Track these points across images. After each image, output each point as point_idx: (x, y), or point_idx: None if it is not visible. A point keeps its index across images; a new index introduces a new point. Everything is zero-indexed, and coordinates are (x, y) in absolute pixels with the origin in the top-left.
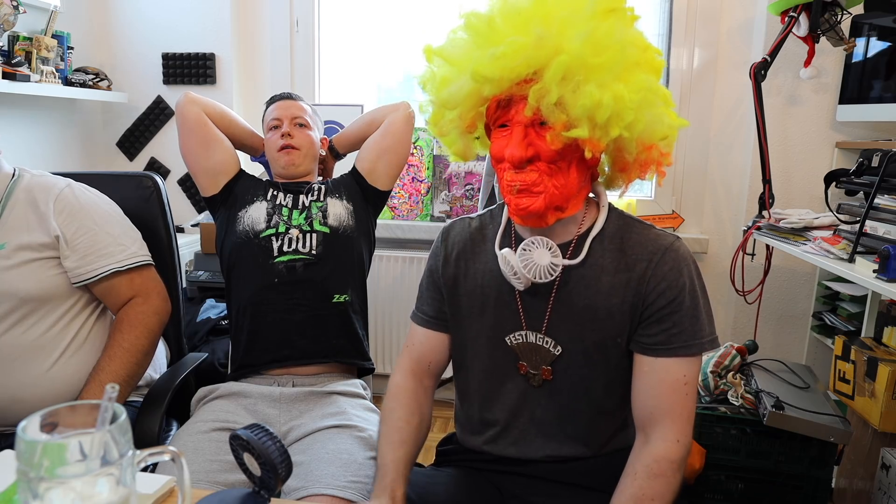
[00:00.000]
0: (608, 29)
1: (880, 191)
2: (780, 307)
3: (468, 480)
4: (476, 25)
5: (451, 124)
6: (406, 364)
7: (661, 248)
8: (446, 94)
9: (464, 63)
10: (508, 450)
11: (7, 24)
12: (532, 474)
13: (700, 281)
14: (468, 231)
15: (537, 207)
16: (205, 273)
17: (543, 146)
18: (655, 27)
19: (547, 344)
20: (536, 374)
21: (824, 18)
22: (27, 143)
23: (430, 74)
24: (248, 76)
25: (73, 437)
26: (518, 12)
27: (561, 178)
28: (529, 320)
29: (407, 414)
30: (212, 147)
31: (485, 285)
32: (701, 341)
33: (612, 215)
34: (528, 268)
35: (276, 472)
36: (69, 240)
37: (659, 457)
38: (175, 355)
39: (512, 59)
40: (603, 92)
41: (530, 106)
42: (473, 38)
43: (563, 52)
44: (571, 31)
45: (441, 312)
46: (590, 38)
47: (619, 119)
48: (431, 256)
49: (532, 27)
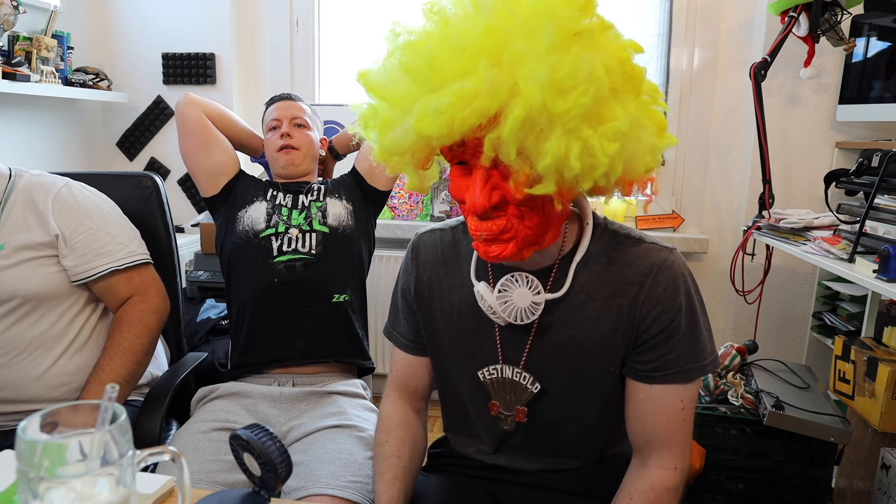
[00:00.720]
0: (572, 65)
1: (880, 191)
2: (780, 307)
3: (459, 486)
4: (415, 65)
5: (402, 163)
6: (393, 391)
7: (654, 268)
8: (390, 141)
9: (405, 104)
10: (500, 460)
11: (7, 24)
12: (526, 482)
13: (698, 296)
14: (440, 248)
15: (509, 253)
16: (205, 273)
17: (510, 190)
18: (655, 27)
19: (524, 380)
20: (510, 415)
21: (824, 18)
22: (27, 143)
23: (372, 111)
24: (248, 76)
25: (73, 437)
26: (463, 47)
27: (534, 218)
28: (507, 352)
29: (397, 447)
30: (211, 148)
31: (462, 311)
32: (702, 364)
33: (597, 231)
34: (507, 310)
35: (276, 472)
36: (68, 238)
37: (656, 484)
38: (175, 355)
39: (460, 111)
40: (570, 143)
41: (486, 156)
42: (412, 78)
43: (519, 96)
44: (527, 69)
45: (418, 336)
46: (550, 80)
47: (591, 171)
48: (402, 274)
49: (481, 67)
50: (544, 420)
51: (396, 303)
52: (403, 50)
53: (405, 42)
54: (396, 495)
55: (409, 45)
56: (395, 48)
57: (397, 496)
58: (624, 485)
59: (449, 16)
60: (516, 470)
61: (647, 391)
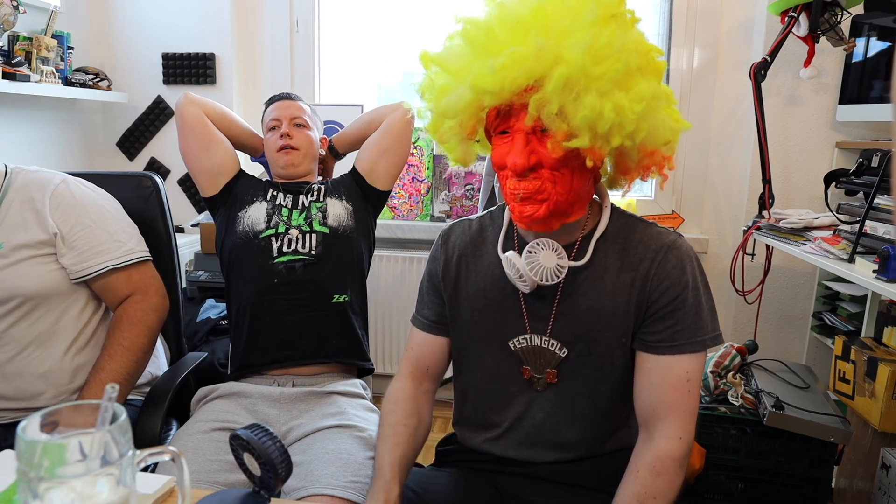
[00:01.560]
0: (609, 37)
1: (880, 191)
2: (780, 307)
3: (468, 480)
4: (474, 35)
5: (450, 132)
6: (405, 368)
7: (664, 246)
8: (445, 103)
9: (462, 73)
10: (509, 451)
11: (7, 24)
12: (532, 475)
13: (703, 277)
14: (468, 234)
15: (542, 214)
16: (205, 273)
17: (546, 154)
18: (655, 27)
19: (552, 346)
20: (541, 377)
21: (824, 18)
22: (27, 143)
23: (429, 82)
24: (248, 76)
25: (73, 437)
26: (517, 21)
27: (565, 185)
28: (534, 323)
29: (404, 416)
30: (211, 147)
31: (487, 289)
32: (703, 338)
33: (615, 215)
34: (534, 270)
35: (276, 472)
36: (66, 237)
37: (662, 454)
38: (175, 355)
39: (512, 71)
40: (604, 102)
41: (531, 115)
42: (471, 48)
43: (563, 62)
44: (571, 40)
45: (442, 317)
46: (590, 47)
47: (620, 129)
48: (431, 260)
49: (531, 37)
50: (567, 385)
51: (422, 289)
52: (464, 24)
53: (466, 18)
54: (398, 459)
55: (470, 21)
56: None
57: (399, 460)
58: (631, 460)
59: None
60: (523, 462)
61: (655, 362)
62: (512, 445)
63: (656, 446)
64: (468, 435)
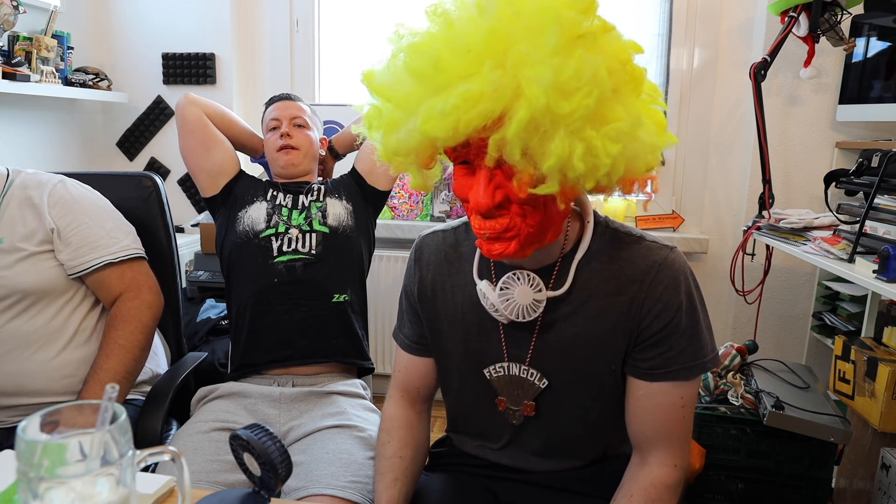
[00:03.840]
0: (576, 67)
1: (880, 191)
2: (780, 307)
3: (462, 485)
4: (420, 67)
5: (406, 162)
6: (396, 392)
7: (655, 266)
8: (395, 141)
9: (410, 105)
10: (503, 460)
11: (7, 24)
12: (528, 481)
13: (698, 294)
14: (442, 248)
15: (512, 251)
16: (205, 273)
17: (513, 189)
18: (655, 27)
19: (531, 376)
20: (517, 410)
21: (824, 18)
22: (27, 143)
23: (376, 111)
24: (248, 76)
25: (73, 437)
26: (467, 49)
27: (536, 216)
28: (512, 350)
29: (399, 447)
30: (212, 148)
31: (465, 310)
32: (702, 361)
33: (598, 229)
34: (508, 308)
35: (276, 472)
36: (62, 233)
37: (657, 481)
38: (175, 355)
39: (465, 113)
40: (574, 144)
41: (490, 156)
42: (417, 80)
43: (523, 97)
44: (531, 72)
45: (422, 337)
46: (554, 82)
47: (593, 172)
48: (406, 277)
49: (486, 69)
50: (551, 416)
51: (401, 305)
52: (408, 51)
53: (409, 44)
54: (397, 496)
55: (413, 47)
56: (399, 49)
57: (398, 497)
58: (624, 482)
59: (453, 18)
60: (519, 469)
61: (648, 388)
62: (507, 457)
63: (651, 473)
64: (464, 440)
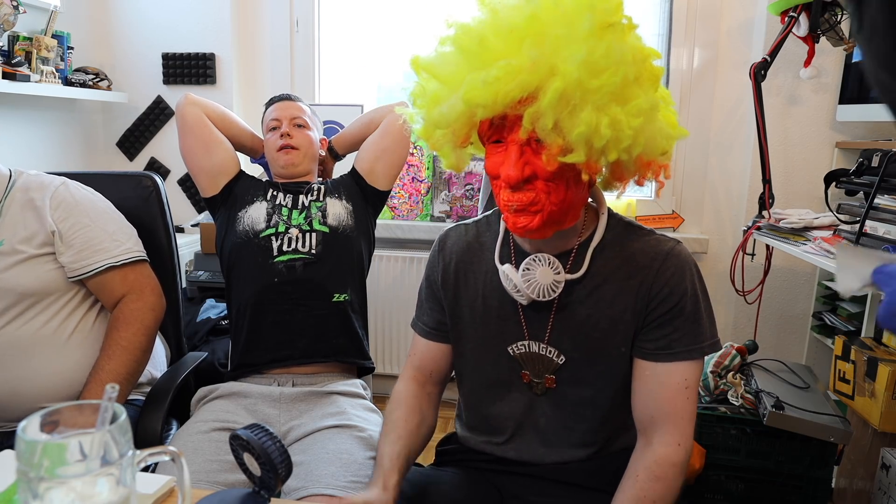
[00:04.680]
0: (606, 48)
1: (880, 191)
2: (780, 307)
3: (468, 480)
4: (466, 44)
5: (443, 139)
6: (408, 371)
7: (663, 254)
8: (437, 113)
9: (454, 81)
10: (509, 453)
11: (7, 24)
12: (533, 475)
13: (702, 284)
14: (464, 239)
15: (535, 225)
16: (205, 273)
17: (540, 165)
18: (655, 27)
19: (550, 353)
20: (540, 382)
21: (824, 18)
22: (27, 143)
23: (420, 89)
24: (248, 76)
25: (73, 437)
26: (511, 30)
27: (559, 195)
28: (532, 330)
29: (406, 413)
30: (212, 148)
31: (486, 295)
32: (702, 345)
33: (612, 222)
34: (530, 287)
35: (276, 472)
36: (64, 235)
37: (661, 460)
38: (175, 355)
39: (505, 84)
40: (600, 117)
41: (525, 129)
42: (463, 56)
43: (558, 75)
44: (567, 51)
45: (441, 324)
46: (587, 59)
47: (617, 144)
48: (429, 266)
49: (525, 47)
50: (567, 390)
51: (421, 294)
52: (457, 30)
53: (458, 24)
54: (400, 451)
55: (461, 28)
56: (447, 38)
57: (399, 452)
58: (630, 465)
59: (498, 6)
60: (525, 462)
61: (653, 369)
62: (512, 448)
63: (655, 452)
64: (470, 436)
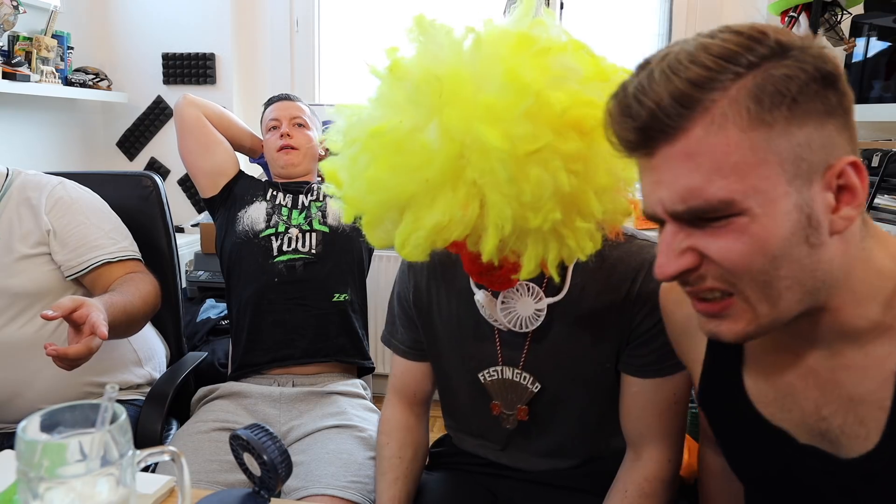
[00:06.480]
0: (534, 188)
1: (880, 191)
2: None
3: (461, 483)
4: (379, 152)
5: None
6: (393, 397)
7: (645, 264)
8: (376, 237)
9: (382, 211)
10: (503, 459)
11: (7, 24)
12: (526, 479)
13: None
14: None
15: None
16: (205, 273)
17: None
18: (655, 27)
19: (524, 380)
20: (511, 414)
21: (824, 18)
22: (27, 143)
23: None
24: (248, 76)
25: (73, 437)
26: (425, 179)
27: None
28: (507, 353)
29: (399, 448)
30: (211, 149)
31: (461, 315)
32: None
33: None
34: (511, 321)
35: (276, 472)
36: (59, 233)
37: (651, 477)
38: (175, 355)
39: (436, 240)
40: (549, 244)
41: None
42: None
43: (490, 225)
44: (492, 197)
45: (417, 343)
46: (518, 207)
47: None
48: (399, 283)
49: (446, 198)
50: (546, 418)
51: (393, 310)
52: (367, 182)
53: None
54: (398, 495)
55: (370, 179)
56: (353, 140)
57: (399, 496)
58: (618, 478)
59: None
60: (519, 468)
61: (641, 385)
62: (507, 456)
63: (645, 468)
64: (463, 438)
